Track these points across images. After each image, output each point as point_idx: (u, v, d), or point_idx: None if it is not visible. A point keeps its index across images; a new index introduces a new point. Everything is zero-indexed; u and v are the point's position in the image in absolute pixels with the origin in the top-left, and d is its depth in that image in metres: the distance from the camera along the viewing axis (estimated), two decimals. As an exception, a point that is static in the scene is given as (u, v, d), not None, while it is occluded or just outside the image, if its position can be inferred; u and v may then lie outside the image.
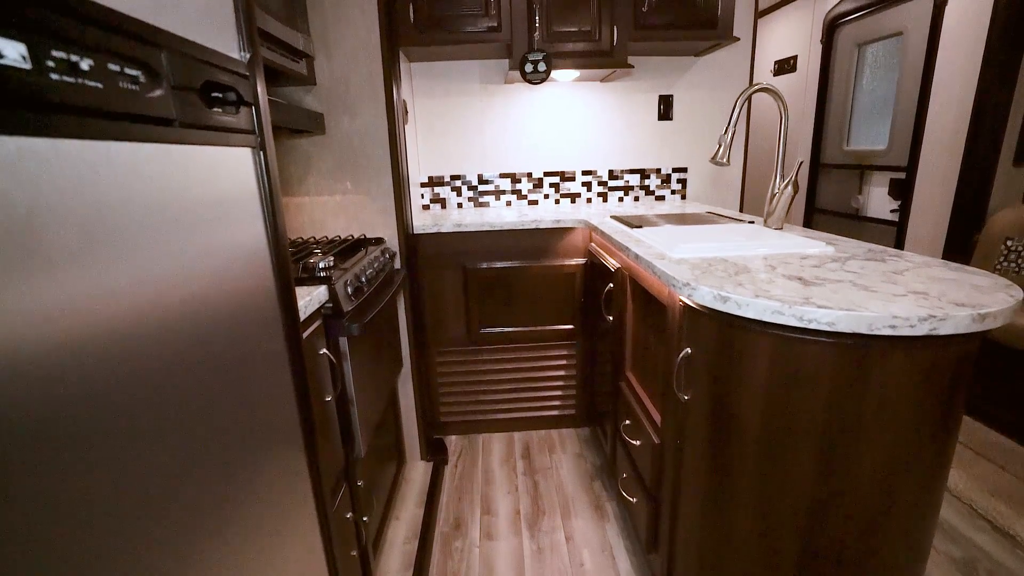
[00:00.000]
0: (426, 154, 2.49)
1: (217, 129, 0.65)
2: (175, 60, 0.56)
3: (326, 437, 1.15)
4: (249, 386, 0.72)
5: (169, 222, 0.56)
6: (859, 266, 1.11)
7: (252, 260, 0.74)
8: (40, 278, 0.40)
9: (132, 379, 0.49)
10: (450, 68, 2.39)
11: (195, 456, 0.59)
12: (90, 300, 0.45)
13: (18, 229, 0.38)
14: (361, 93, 1.67)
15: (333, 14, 1.61)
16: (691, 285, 1.01)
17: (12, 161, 0.38)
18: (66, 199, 0.43)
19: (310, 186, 1.75)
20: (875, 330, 0.81)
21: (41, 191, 0.40)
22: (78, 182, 0.44)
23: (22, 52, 0.39)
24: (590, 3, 2.02)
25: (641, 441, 1.42)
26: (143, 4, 0.53)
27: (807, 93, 3.43)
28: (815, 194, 3.43)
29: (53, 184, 0.41)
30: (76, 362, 0.43)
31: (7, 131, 0.37)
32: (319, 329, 1.14)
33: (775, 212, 1.60)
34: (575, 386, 2.24)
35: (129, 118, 0.50)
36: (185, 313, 0.58)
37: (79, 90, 0.44)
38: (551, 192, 2.59)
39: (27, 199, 0.39)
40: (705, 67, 2.46)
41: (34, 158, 0.40)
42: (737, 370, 0.97)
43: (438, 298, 2.08)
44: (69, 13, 0.43)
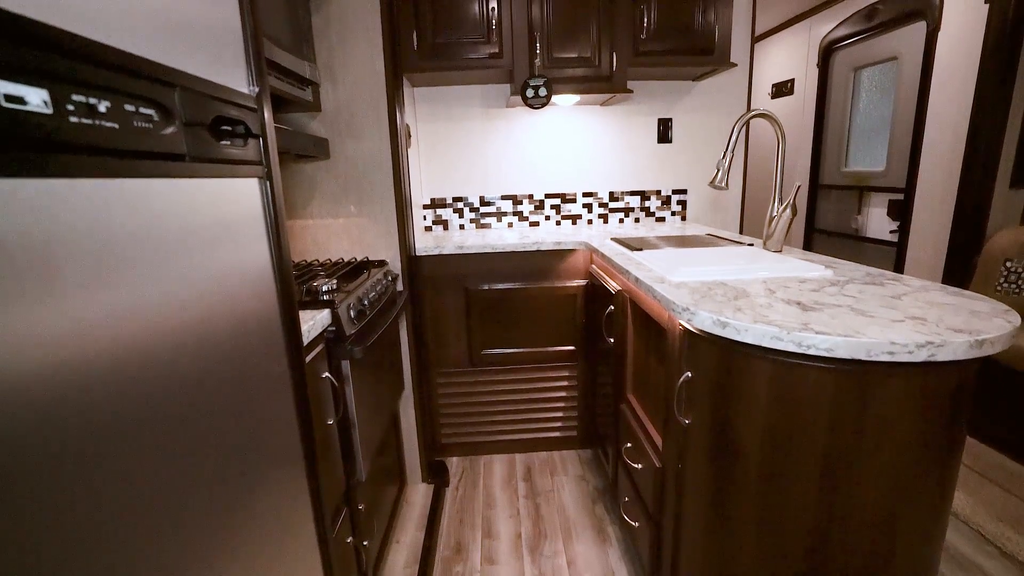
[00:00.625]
0: (429, 176, 2.53)
1: (226, 162, 0.67)
2: (187, 98, 0.59)
3: (327, 461, 1.15)
4: (252, 410, 0.73)
5: (177, 250, 0.57)
6: (858, 290, 1.12)
7: (257, 285, 0.76)
8: (53, 304, 0.41)
9: (138, 400, 0.50)
10: (453, 93, 2.44)
11: (196, 478, 0.60)
12: (97, 325, 0.46)
13: (36, 263, 0.39)
14: (365, 119, 1.71)
15: (339, 43, 1.66)
16: (690, 310, 1.02)
17: (32, 202, 0.39)
18: (80, 234, 0.44)
19: (314, 209, 1.77)
20: (873, 356, 0.82)
21: (58, 228, 0.42)
22: (93, 219, 0.45)
23: (44, 98, 0.41)
24: (590, 30, 2.07)
25: (643, 464, 1.41)
26: (159, 45, 0.55)
27: (805, 115, 3.48)
28: (814, 215, 3.46)
29: (69, 222, 0.43)
30: (84, 383, 0.44)
31: (29, 174, 0.39)
32: (321, 352, 1.15)
33: (774, 235, 1.62)
34: (576, 407, 2.23)
35: (142, 155, 0.52)
36: (189, 336, 0.59)
37: (96, 131, 0.45)
38: (552, 214, 2.61)
39: (44, 235, 0.40)
40: (703, 91, 2.51)
41: (52, 198, 0.41)
42: (737, 395, 0.98)
43: (440, 319, 2.09)
44: (89, 60, 0.45)
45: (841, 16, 3.04)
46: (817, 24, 3.27)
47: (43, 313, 0.40)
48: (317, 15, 1.64)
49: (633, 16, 2.07)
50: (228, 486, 0.66)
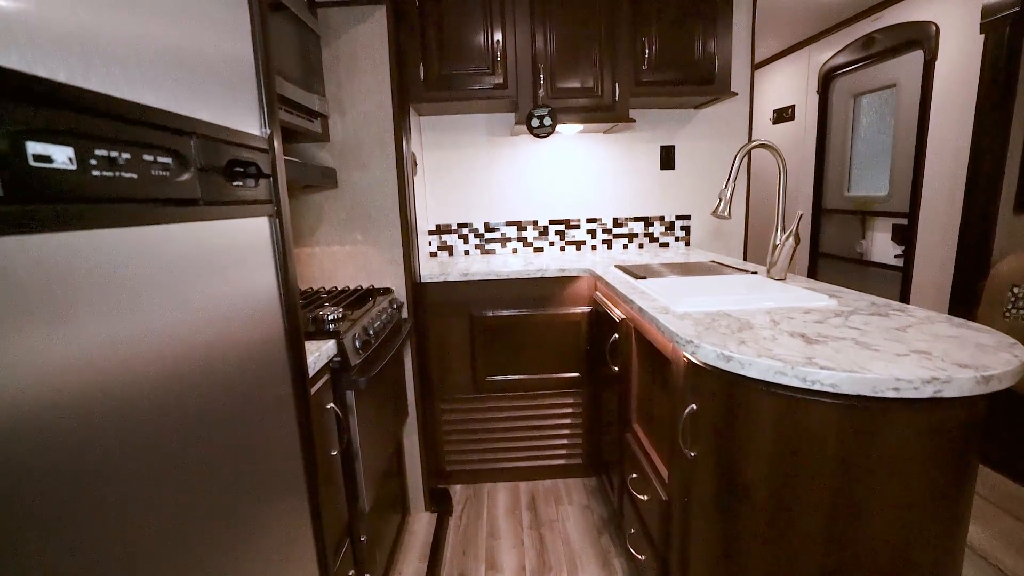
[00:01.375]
0: (434, 203, 2.56)
1: (237, 203, 0.69)
2: (203, 144, 0.61)
3: (330, 492, 1.14)
4: (256, 442, 0.73)
5: (188, 287, 0.59)
6: (862, 322, 1.12)
7: (264, 319, 0.77)
8: (66, 337, 0.42)
9: (142, 428, 0.51)
10: (458, 121, 2.49)
11: (197, 508, 0.60)
12: (106, 359, 0.47)
13: (53, 309, 0.41)
14: (372, 149, 1.74)
15: (347, 77, 1.70)
16: (694, 343, 1.02)
17: (54, 256, 0.41)
18: (97, 279, 0.45)
19: (321, 237, 1.80)
20: (879, 392, 0.81)
21: (75, 275, 0.43)
22: (110, 266, 0.47)
23: (69, 155, 0.42)
24: (592, 61, 2.12)
25: (648, 496, 1.39)
26: (177, 91, 0.58)
27: (806, 140, 3.51)
28: (819, 239, 3.46)
29: (87, 268, 0.44)
30: (95, 412, 0.45)
31: (51, 228, 0.41)
32: (327, 383, 1.15)
33: (778, 263, 1.62)
34: (581, 435, 2.21)
35: (158, 202, 0.53)
36: (196, 367, 0.60)
37: (117, 183, 0.47)
38: (556, 240, 2.63)
39: (63, 282, 0.42)
40: (705, 119, 2.54)
41: (72, 248, 0.43)
42: (743, 429, 0.97)
43: (444, 346, 2.10)
44: (111, 115, 0.47)
45: (839, 44, 3.10)
46: (816, 52, 3.33)
47: (56, 345, 0.41)
48: (327, 50, 1.69)
49: (634, 47, 2.12)
50: (230, 518, 0.66)
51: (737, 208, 2.60)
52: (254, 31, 0.75)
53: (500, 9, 2.06)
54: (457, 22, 2.06)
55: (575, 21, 2.08)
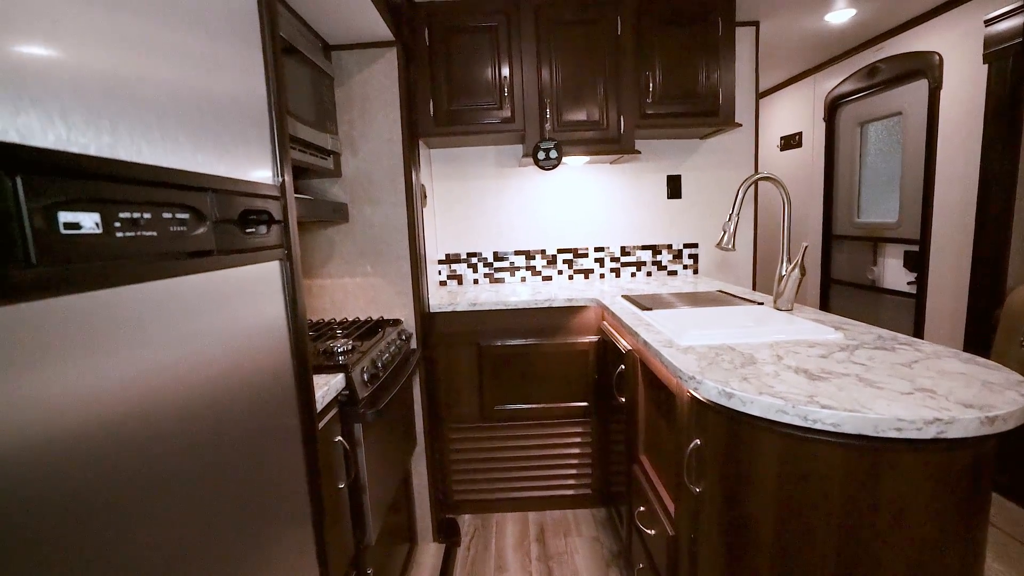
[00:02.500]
0: (444, 232, 2.61)
1: (250, 250, 0.72)
2: (218, 198, 0.64)
3: (337, 524, 1.15)
4: (264, 475, 0.75)
5: (201, 329, 0.61)
6: (867, 356, 1.12)
7: (273, 355, 0.80)
8: (85, 382, 0.45)
9: (159, 458, 0.53)
10: (467, 153, 2.55)
11: (204, 537, 0.61)
12: (123, 397, 0.49)
13: (75, 358, 0.44)
14: (383, 185, 1.79)
15: (359, 115, 1.77)
16: (696, 379, 1.02)
17: (81, 311, 0.44)
18: (118, 333, 0.48)
19: (332, 269, 1.84)
20: (881, 432, 0.81)
21: (97, 335, 0.46)
22: (134, 322, 0.50)
23: (96, 220, 0.46)
24: (597, 95, 2.18)
25: (656, 531, 1.38)
26: (196, 150, 0.62)
27: (814, 167, 3.53)
28: (829, 265, 3.44)
29: (108, 328, 0.47)
30: (106, 442, 0.47)
31: (79, 289, 0.44)
32: (335, 416, 1.17)
33: (784, 294, 1.63)
34: (590, 465, 2.19)
35: (176, 256, 0.57)
36: (207, 402, 0.63)
37: (138, 242, 0.51)
38: (564, 268, 2.66)
39: (86, 333, 0.45)
40: (711, 148, 2.58)
41: (96, 302, 0.46)
42: (747, 466, 0.97)
43: (453, 375, 2.11)
44: (134, 180, 0.51)
45: (844, 73, 3.14)
46: (821, 80, 3.37)
47: (76, 388, 0.44)
48: (340, 90, 1.76)
49: (639, 81, 2.17)
50: (235, 548, 0.68)
51: (745, 236, 2.61)
52: (268, 86, 0.80)
53: (507, 45, 2.14)
54: (465, 59, 2.14)
55: (580, 56, 2.14)
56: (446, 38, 2.12)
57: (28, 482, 0.39)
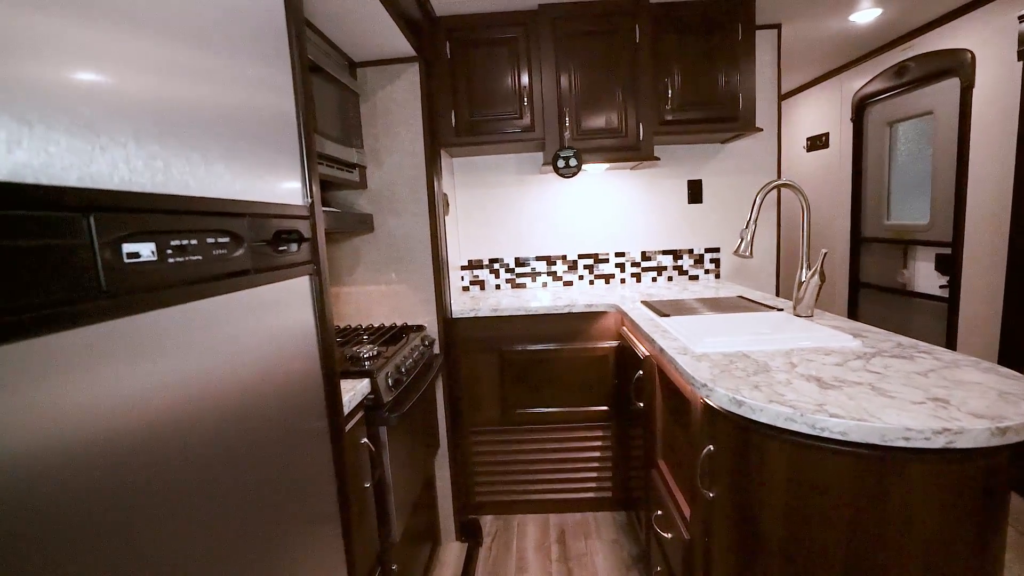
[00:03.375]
0: (467, 239, 2.67)
1: (282, 267, 0.79)
2: (253, 222, 0.71)
3: (363, 522, 1.21)
4: (295, 475, 0.82)
5: (239, 339, 0.68)
6: (883, 365, 1.12)
7: (303, 361, 0.86)
8: (130, 391, 0.51)
9: (200, 456, 0.59)
10: (489, 161, 2.61)
11: (237, 538, 0.68)
12: (166, 401, 0.56)
13: (132, 369, 0.50)
14: (406, 196, 1.86)
15: (384, 129, 1.84)
16: (708, 386, 1.05)
17: (137, 333, 0.51)
18: (162, 343, 0.55)
19: (358, 277, 1.92)
20: (888, 442, 0.82)
21: (145, 351, 0.53)
22: (181, 339, 0.56)
23: (152, 249, 0.52)
24: (616, 102, 2.20)
25: (672, 535, 1.40)
26: (236, 177, 0.68)
27: (842, 168, 3.46)
28: (858, 269, 3.37)
29: (156, 345, 0.54)
30: (157, 443, 0.53)
31: (138, 310, 0.50)
32: (361, 420, 1.24)
33: (803, 300, 1.62)
34: (611, 468, 2.21)
35: (217, 278, 0.63)
36: (243, 406, 0.69)
37: (185, 266, 0.57)
38: (585, 274, 2.68)
39: (142, 354, 0.51)
40: (732, 153, 2.57)
41: (155, 321, 0.53)
42: (757, 473, 0.99)
43: (474, 379, 2.16)
44: (183, 212, 0.57)
45: (871, 73, 3.07)
46: (848, 80, 3.31)
47: (123, 395, 0.50)
48: (366, 105, 1.84)
49: (657, 88, 2.19)
50: (268, 544, 0.74)
51: (768, 241, 2.59)
52: (298, 115, 0.86)
53: (526, 57, 2.18)
54: (485, 71, 2.19)
55: (598, 65, 2.17)
56: (466, 51, 2.18)
57: (94, 474, 0.45)
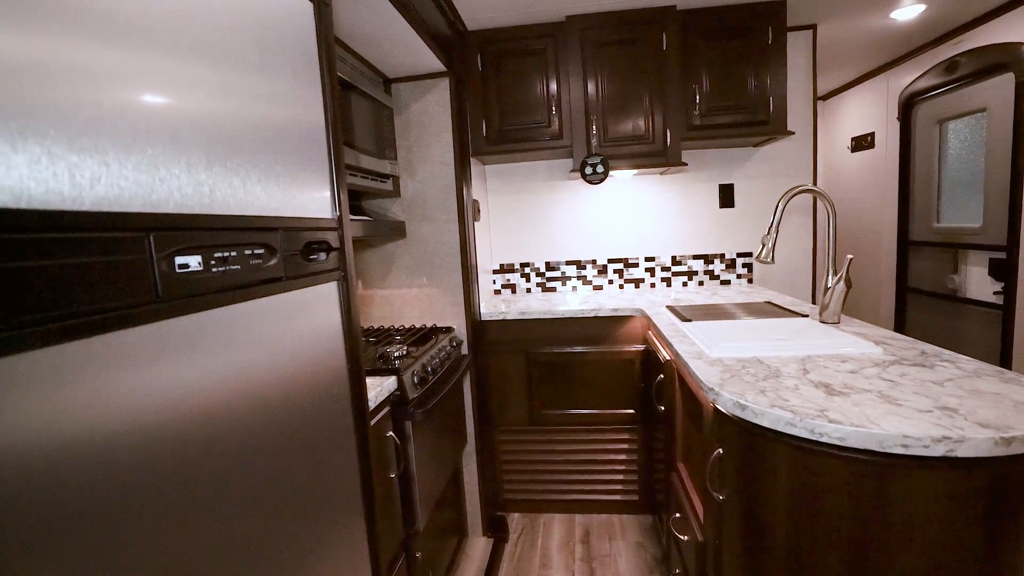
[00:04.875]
0: (499, 244, 2.75)
1: (312, 274, 0.88)
2: (286, 235, 0.81)
3: (388, 511, 1.30)
4: (323, 463, 0.91)
5: (272, 344, 0.78)
6: (900, 373, 1.11)
7: (331, 360, 0.96)
8: (187, 377, 0.61)
9: (236, 446, 0.69)
10: (520, 168, 2.68)
11: (269, 518, 0.77)
12: (203, 399, 0.66)
13: (183, 364, 0.60)
14: (437, 203, 1.96)
15: (416, 141, 1.95)
16: (715, 390, 1.08)
17: (187, 332, 0.60)
18: (211, 347, 0.65)
19: (392, 280, 2.03)
20: (886, 448, 0.83)
21: (194, 346, 0.63)
22: (224, 337, 0.66)
23: (198, 261, 0.62)
24: (643, 109, 2.22)
25: (688, 537, 1.42)
26: (272, 204, 0.78)
27: (888, 168, 3.33)
28: (906, 273, 3.23)
29: (203, 342, 0.64)
30: (199, 432, 0.63)
31: (185, 313, 0.60)
32: (387, 414, 1.33)
33: (829, 306, 1.61)
34: (637, 471, 2.23)
35: (253, 285, 0.73)
36: (275, 401, 0.79)
37: (226, 275, 0.67)
38: (615, 278, 2.71)
39: (191, 350, 0.61)
40: (766, 156, 2.54)
41: (199, 324, 0.62)
42: (761, 476, 1.01)
43: (503, 380, 2.23)
44: (225, 227, 0.67)
45: (919, 69, 2.95)
46: (895, 77, 3.18)
47: (165, 392, 0.60)
48: (399, 118, 1.95)
49: (685, 93, 2.20)
50: (296, 530, 0.84)
51: (803, 245, 2.54)
52: (328, 135, 0.96)
53: (555, 67, 2.24)
54: (515, 81, 2.27)
55: (625, 72, 2.20)
56: (497, 63, 2.26)
57: (159, 452, 0.55)
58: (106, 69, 0.52)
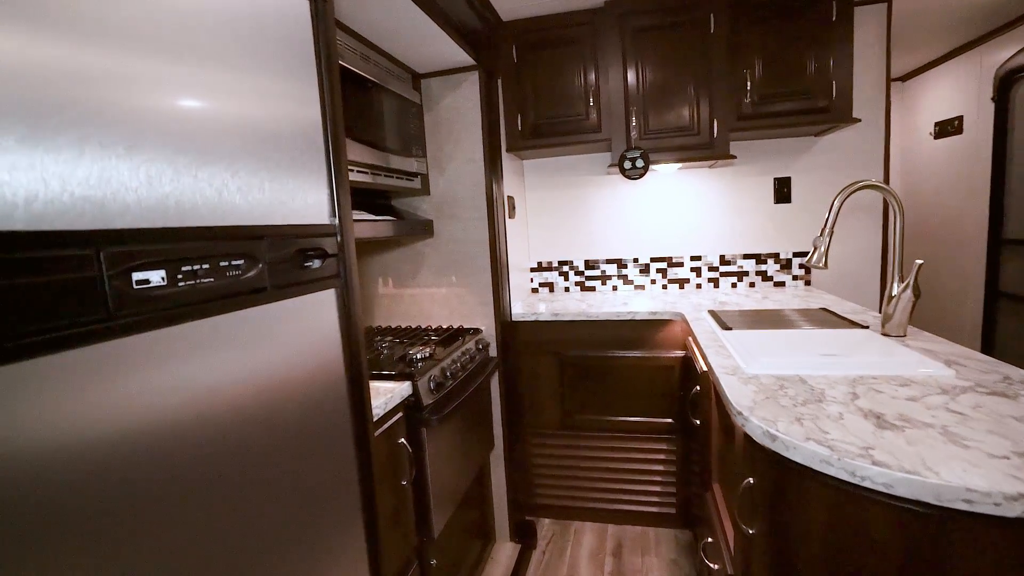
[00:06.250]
0: (537, 241, 2.68)
1: (304, 283, 0.85)
2: (272, 243, 0.78)
3: (400, 519, 1.28)
4: (312, 479, 0.89)
5: (257, 354, 0.75)
6: (973, 404, 0.95)
7: (327, 371, 0.93)
8: (157, 389, 0.59)
9: (202, 464, 0.67)
10: (558, 162, 2.59)
11: (250, 537, 0.75)
12: (183, 406, 0.64)
13: (147, 378, 0.58)
14: (466, 201, 1.91)
15: (446, 137, 1.90)
16: (744, 415, 0.96)
17: (151, 348, 0.58)
18: (183, 358, 0.63)
19: (422, 279, 2.01)
20: (945, 502, 0.70)
21: (159, 362, 0.60)
22: (189, 353, 0.64)
23: (162, 276, 0.60)
24: (687, 98, 2.07)
25: (718, 567, 1.31)
26: (256, 213, 0.75)
27: (979, 157, 2.95)
28: (997, 276, 2.86)
29: (169, 358, 0.62)
30: (161, 447, 0.61)
31: (147, 329, 0.58)
32: (401, 420, 1.30)
33: (894, 317, 1.42)
34: (675, 484, 2.11)
35: (231, 295, 0.70)
36: (263, 412, 0.76)
37: (197, 289, 0.64)
38: (658, 278, 2.57)
39: (157, 365, 0.59)
40: (828, 147, 2.30)
41: (165, 340, 0.60)
42: (795, 515, 0.89)
43: (535, 382, 2.17)
44: (201, 238, 0.65)
45: (1020, 42, 2.57)
46: (989, 53, 2.80)
47: (136, 404, 0.58)
48: (429, 115, 1.92)
49: (734, 80, 2.03)
50: (286, 540, 0.81)
51: (872, 246, 2.29)
52: (327, 142, 0.93)
53: (593, 56, 2.13)
54: (551, 73, 2.17)
55: (667, 60, 2.06)
56: (532, 54, 2.18)
57: (101, 480, 0.53)
58: (43, 63, 0.50)
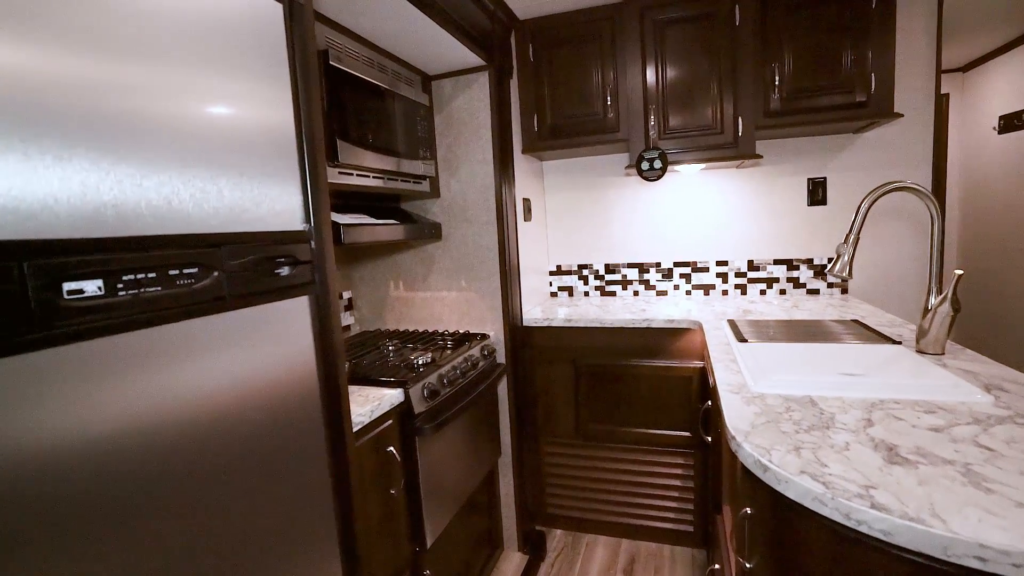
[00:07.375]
0: (556, 244, 2.61)
1: (271, 291, 0.84)
2: (234, 251, 0.77)
3: (390, 528, 1.26)
4: (284, 490, 0.87)
5: (216, 363, 0.74)
6: (1008, 438, 0.83)
7: (297, 377, 0.91)
8: (98, 403, 0.58)
9: (154, 476, 0.66)
10: (578, 164, 2.52)
11: (232, 554, 0.74)
12: (132, 418, 0.63)
13: (85, 390, 0.57)
14: (476, 204, 1.88)
15: (456, 138, 1.88)
16: (736, 440, 0.88)
17: (82, 361, 0.58)
18: (127, 368, 0.62)
19: (431, 283, 2.00)
20: (953, 558, 0.61)
21: (98, 366, 0.60)
22: (129, 364, 0.63)
23: (98, 285, 0.59)
24: (709, 95, 1.96)
25: (722, 599, 1.22)
26: (210, 220, 0.74)
27: (1050, 155, 2.67)
28: (1068, 284, 2.58)
29: (109, 360, 0.61)
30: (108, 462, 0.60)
31: (79, 340, 0.57)
32: (391, 427, 1.28)
33: (930, 333, 1.29)
34: (693, 500, 2.01)
35: (181, 305, 0.69)
36: (223, 425, 0.75)
37: (140, 299, 0.64)
38: (681, 283, 2.46)
39: (94, 377, 0.58)
40: (868, 144, 2.14)
41: (106, 348, 0.59)
42: (791, 554, 0.81)
43: (547, 389, 2.11)
44: (143, 247, 0.64)
45: (1101, 28, 2.31)
46: (1065, 40, 2.53)
47: (85, 415, 0.58)
48: (439, 116, 1.90)
49: (761, 75, 1.90)
50: (255, 552, 0.80)
51: (916, 253, 2.11)
52: (301, 147, 0.91)
53: (611, 53, 2.05)
54: (568, 72, 2.11)
55: (689, 55, 1.95)
56: (549, 52, 2.12)
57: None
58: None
